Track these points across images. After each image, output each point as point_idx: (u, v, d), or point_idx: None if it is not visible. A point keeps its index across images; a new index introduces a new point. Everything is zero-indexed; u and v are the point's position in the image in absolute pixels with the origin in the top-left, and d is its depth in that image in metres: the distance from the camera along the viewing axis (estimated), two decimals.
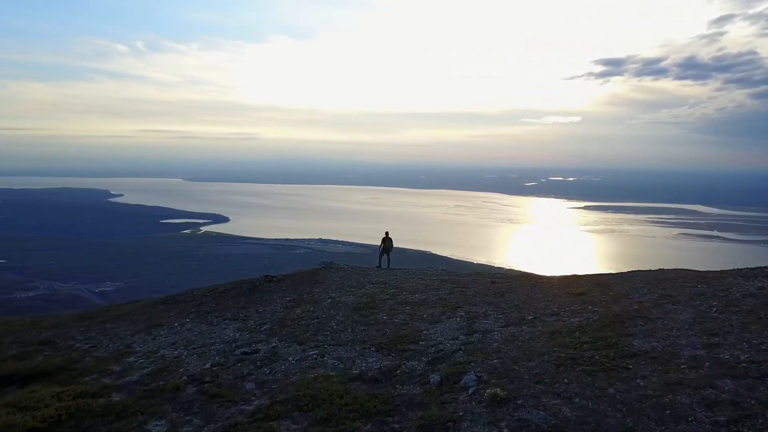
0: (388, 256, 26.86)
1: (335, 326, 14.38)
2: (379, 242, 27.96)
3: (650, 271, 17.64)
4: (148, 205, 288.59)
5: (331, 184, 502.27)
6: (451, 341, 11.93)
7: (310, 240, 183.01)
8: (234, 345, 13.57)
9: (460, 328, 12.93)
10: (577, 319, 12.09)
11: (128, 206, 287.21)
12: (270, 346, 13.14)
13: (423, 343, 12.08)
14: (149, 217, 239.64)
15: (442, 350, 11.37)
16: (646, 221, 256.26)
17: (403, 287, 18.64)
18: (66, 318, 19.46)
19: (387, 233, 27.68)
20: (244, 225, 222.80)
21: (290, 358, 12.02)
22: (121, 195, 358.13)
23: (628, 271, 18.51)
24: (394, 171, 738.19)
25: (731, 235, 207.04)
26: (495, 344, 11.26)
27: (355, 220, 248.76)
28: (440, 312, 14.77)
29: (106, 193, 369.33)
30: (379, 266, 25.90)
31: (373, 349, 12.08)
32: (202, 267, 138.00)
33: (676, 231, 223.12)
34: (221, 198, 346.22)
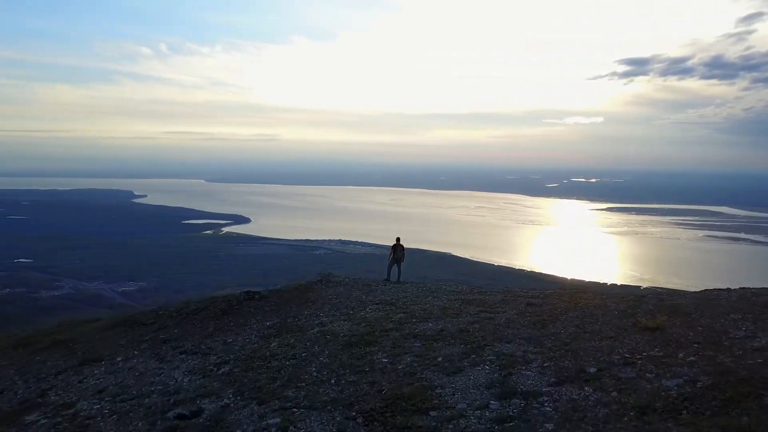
0: (398, 266, 23.05)
1: (315, 372, 11.04)
2: (390, 250, 23.84)
3: (732, 290, 14.35)
4: (170, 205, 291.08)
5: (352, 185, 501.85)
6: (479, 412, 8.15)
7: (330, 241, 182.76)
8: (173, 400, 10.28)
9: (491, 384, 9.26)
10: (672, 381, 8.02)
11: (151, 207, 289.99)
12: (219, 404, 9.76)
13: (435, 414, 8.32)
14: (172, 218, 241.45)
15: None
16: (671, 223, 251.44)
17: (414, 311, 15.05)
18: (2, 342, 17.11)
19: (398, 239, 23.53)
20: (265, 226, 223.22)
21: None
22: (145, 196, 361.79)
23: (703, 291, 15.10)
24: (415, 172, 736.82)
25: (759, 238, 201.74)
26: (548, 426, 7.39)
27: (376, 221, 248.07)
28: (461, 353, 11.18)
29: (130, 194, 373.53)
30: (388, 279, 22.36)
31: (360, 419, 8.44)
32: (223, 267, 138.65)
33: (701, 233, 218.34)
34: (242, 199, 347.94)
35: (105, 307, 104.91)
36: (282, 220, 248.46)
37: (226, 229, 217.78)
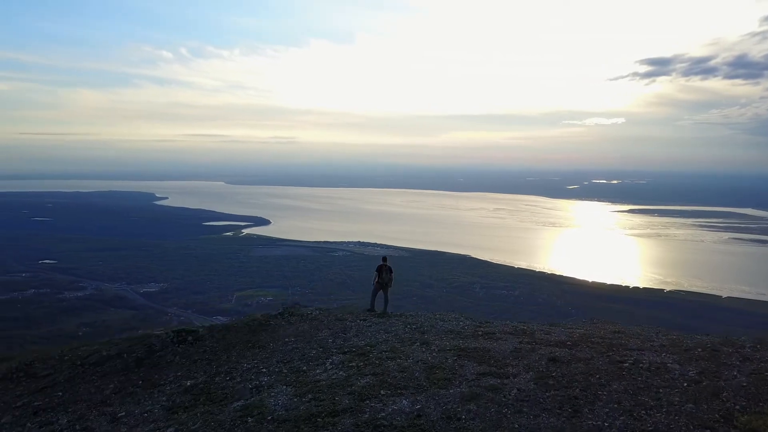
0: (385, 294, 19.33)
1: None
2: (374, 274, 19.68)
3: None
4: (191, 207, 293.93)
5: (370, 187, 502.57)
6: None
7: (348, 243, 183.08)
8: None
9: None
10: None
11: (173, 209, 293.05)
12: None
13: None
14: (193, 220, 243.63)
15: None
16: (694, 225, 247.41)
17: (388, 371, 11.05)
18: None
19: (384, 259, 19.80)
20: (284, 227, 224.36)
21: None
22: (166, 198, 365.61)
23: None
24: (433, 174, 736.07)
25: None
26: None
27: (394, 223, 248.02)
28: None
29: (152, 196, 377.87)
30: (371, 309, 18.83)
31: None
32: (243, 269, 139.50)
33: (726, 235, 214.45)
34: (262, 201, 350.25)
35: (127, 308, 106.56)
36: (301, 221, 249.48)
37: (246, 231, 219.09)
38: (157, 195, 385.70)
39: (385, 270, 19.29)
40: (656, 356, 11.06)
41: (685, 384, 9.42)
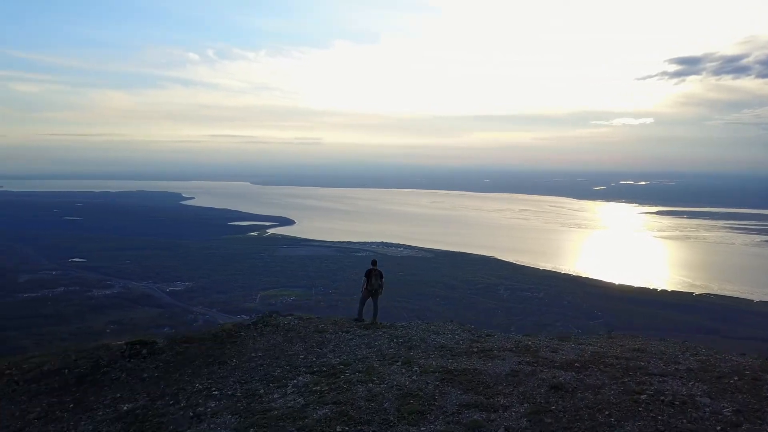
0: (374, 301, 17.45)
1: None
2: (363, 279, 17.63)
3: None
4: (217, 207, 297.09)
5: (394, 187, 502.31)
6: None
7: (372, 243, 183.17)
8: None
9: None
10: None
11: (199, 209, 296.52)
12: None
13: None
14: (218, 220, 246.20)
15: None
16: (725, 227, 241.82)
17: (355, 397, 9.78)
18: None
19: (374, 263, 17.58)
20: (308, 228, 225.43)
21: None
22: (192, 198, 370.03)
23: None
24: (458, 174, 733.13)
25: None
26: None
27: (418, 223, 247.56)
28: None
29: (179, 196, 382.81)
30: (359, 319, 17.25)
31: None
32: (267, 268, 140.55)
33: (758, 238, 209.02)
34: (286, 201, 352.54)
35: (154, 306, 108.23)
36: (325, 222, 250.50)
37: (270, 231, 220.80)
38: (184, 195, 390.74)
39: (375, 275, 17.18)
40: (682, 385, 9.39)
41: (719, 428, 7.55)
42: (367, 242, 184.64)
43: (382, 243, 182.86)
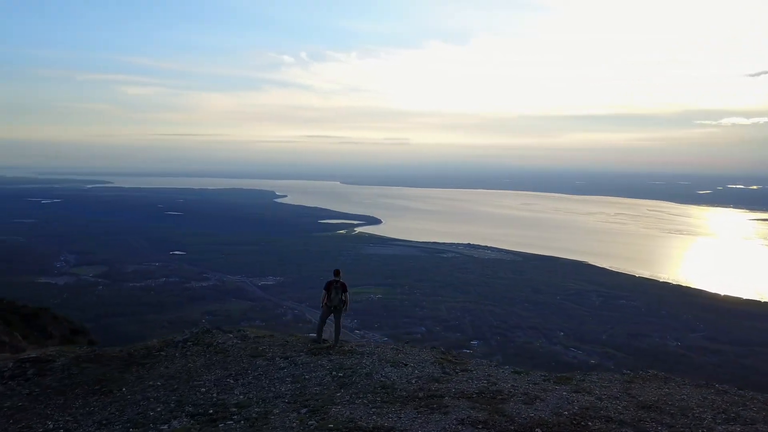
0: (336, 319, 14.81)
1: None
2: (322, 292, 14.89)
3: None
4: (308, 205, 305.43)
5: (483, 188, 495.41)
6: None
7: (458, 244, 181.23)
8: None
9: None
10: None
11: (291, 206, 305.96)
12: None
13: None
14: (309, 218, 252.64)
15: None
16: None
17: None
18: None
19: (337, 273, 14.72)
20: (395, 227, 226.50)
21: None
22: (285, 196, 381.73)
23: None
24: (549, 176, 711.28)
25: None
26: None
27: (507, 225, 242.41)
28: None
29: (272, 194, 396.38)
30: (318, 340, 14.77)
31: None
32: (354, 266, 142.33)
33: None
34: (374, 201, 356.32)
35: (246, 299, 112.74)
36: (411, 222, 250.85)
37: (358, 230, 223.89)
38: (278, 193, 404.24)
39: (335, 288, 14.41)
40: None
41: None
42: (453, 243, 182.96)
43: (468, 245, 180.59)
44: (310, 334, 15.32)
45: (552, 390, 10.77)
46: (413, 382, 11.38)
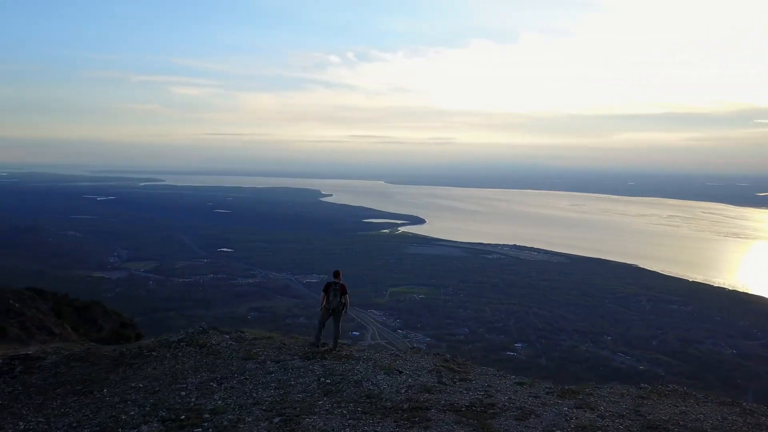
0: (335, 322, 14.31)
1: None
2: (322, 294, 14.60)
3: None
4: (353, 205, 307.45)
5: (530, 189, 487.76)
6: None
7: (504, 245, 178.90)
8: None
9: None
10: None
11: (336, 205, 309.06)
12: None
13: None
14: (353, 216, 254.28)
15: None
16: None
17: None
18: None
19: (337, 274, 14.38)
20: (439, 227, 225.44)
21: None
22: (330, 195, 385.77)
23: None
24: (599, 176, 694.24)
25: None
26: None
27: (555, 227, 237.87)
28: None
29: (318, 193, 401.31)
30: (316, 344, 14.28)
31: None
32: (398, 265, 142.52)
33: None
34: (418, 200, 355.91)
35: (291, 296, 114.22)
36: (456, 222, 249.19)
37: (402, 229, 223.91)
38: (323, 192, 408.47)
39: (334, 290, 13.99)
40: None
41: None
42: (499, 244, 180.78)
43: (514, 246, 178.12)
44: (310, 338, 15.03)
45: (552, 405, 10.17)
46: (402, 391, 10.93)
